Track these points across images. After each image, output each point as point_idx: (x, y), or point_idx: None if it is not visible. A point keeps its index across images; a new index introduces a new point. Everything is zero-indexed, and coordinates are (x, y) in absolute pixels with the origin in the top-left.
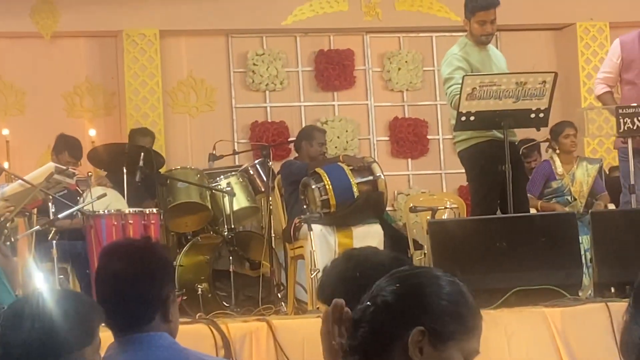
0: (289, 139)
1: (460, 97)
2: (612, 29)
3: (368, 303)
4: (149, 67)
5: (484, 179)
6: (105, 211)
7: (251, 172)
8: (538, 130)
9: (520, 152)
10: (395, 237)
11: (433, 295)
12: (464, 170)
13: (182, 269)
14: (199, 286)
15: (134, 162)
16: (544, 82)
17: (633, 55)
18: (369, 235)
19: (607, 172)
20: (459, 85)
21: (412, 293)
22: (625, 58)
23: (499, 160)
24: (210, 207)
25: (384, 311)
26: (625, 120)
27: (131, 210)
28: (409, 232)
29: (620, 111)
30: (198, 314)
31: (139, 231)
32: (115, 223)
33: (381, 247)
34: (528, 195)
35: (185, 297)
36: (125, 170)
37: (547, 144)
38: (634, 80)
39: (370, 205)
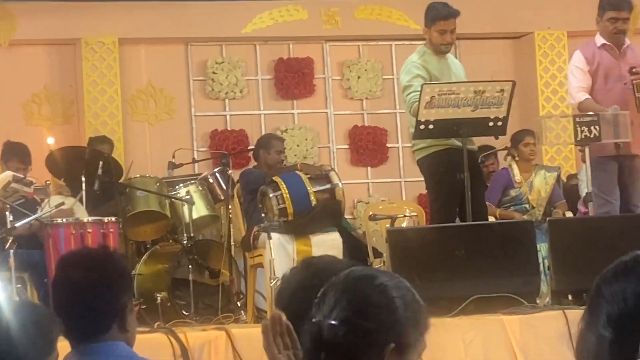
0: (249, 147)
1: (419, 105)
2: (570, 37)
3: (333, 322)
4: (107, 75)
5: (442, 187)
6: (64, 220)
7: (210, 180)
8: (496, 138)
9: (479, 160)
10: (355, 245)
11: (395, 311)
12: (423, 179)
13: (141, 277)
14: (158, 295)
15: (93, 170)
16: (502, 90)
17: (596, 61)
18: (327, 244)
19: (565, 180)
20: (418, 93)
21: (373, 313)
22: (591, 66)
23: (458, 168)
24: (169, 215)
25: (347, 334)
26: (582, 129)
27: (90, 218)
28: (368, 240)
29: (577, 119)
30: (156, 323)
31: (98, 240)
32: (74, 232)
33: (340, 255)
34: (487, 203)
35: (144, 306)
36: (84, 179)
37: (506, 152)
38: (602, 85)
39: (328, 213)
